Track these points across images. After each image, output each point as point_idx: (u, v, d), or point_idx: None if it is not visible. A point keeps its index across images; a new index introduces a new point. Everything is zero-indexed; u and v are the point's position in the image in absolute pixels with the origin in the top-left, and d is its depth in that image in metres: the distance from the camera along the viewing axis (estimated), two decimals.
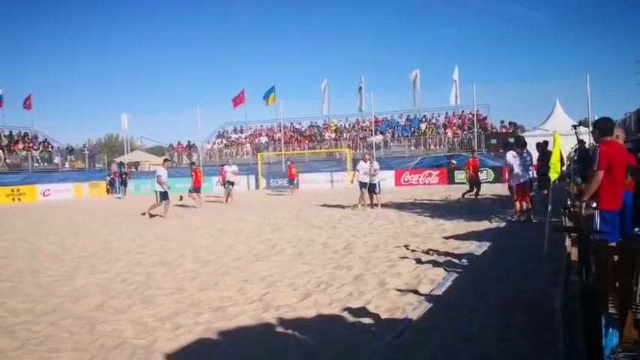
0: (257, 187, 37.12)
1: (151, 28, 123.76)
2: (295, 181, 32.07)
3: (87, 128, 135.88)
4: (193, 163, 29.98)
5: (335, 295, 7.01)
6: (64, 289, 8.09)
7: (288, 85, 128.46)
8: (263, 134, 46.94)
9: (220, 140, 48.09)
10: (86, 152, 45.62)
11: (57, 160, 41.83)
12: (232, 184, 25.31)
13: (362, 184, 18.84)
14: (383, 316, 6.01)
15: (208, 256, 10.47)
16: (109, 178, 39.74)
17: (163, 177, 18.39)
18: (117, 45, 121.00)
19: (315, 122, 46.97)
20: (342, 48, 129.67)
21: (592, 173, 6.17)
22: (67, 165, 42.45)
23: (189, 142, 46.56)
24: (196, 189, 22.30)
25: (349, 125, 45.64)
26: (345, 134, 43.93)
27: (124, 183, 35.22)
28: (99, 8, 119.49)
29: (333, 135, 43.84)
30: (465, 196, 20.66)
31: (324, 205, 20.84)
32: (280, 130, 43.08)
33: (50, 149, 42.79)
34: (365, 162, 19.04)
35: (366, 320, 5.88)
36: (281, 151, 40.92)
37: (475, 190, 20.70)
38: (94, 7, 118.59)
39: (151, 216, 18.49)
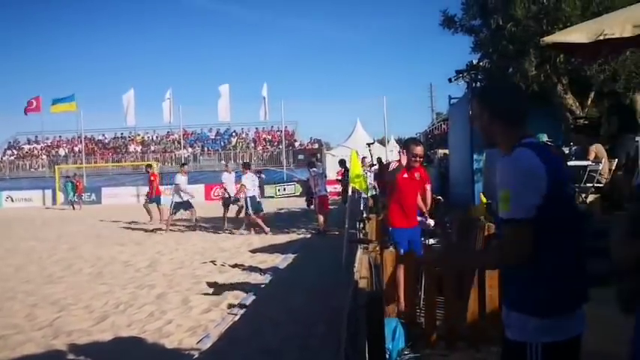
0: (54, 202, 34.32)
1: None
2: None
3: None
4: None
5: (135, 316, 6.68)
6: None
7: (91, 94, 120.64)
8: (62, 145, 43.67)
9: (11, 151, 43.72)
10: None
11: None
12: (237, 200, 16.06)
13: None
14: (184, 335, 5.86)
15: None
16: None
17: (182, 185, 15.99)
18: None
19: (121, 134, 44.83)
20: (149, 57, 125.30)
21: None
22: None
23: None
24: None
25: (157, 138, 44.29)
26: (152, 147, 42.52)
27: None
28: None
29: (140, 148, 42.20)
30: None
31: (131, 221, 19.85)
32: (81, 142, 40.36)
33: None
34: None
35: (166, 341, 5.67)
36: (82, 163, 38.36)
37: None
38: None
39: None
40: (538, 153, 2.03)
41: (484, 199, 5.23)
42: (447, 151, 17.02)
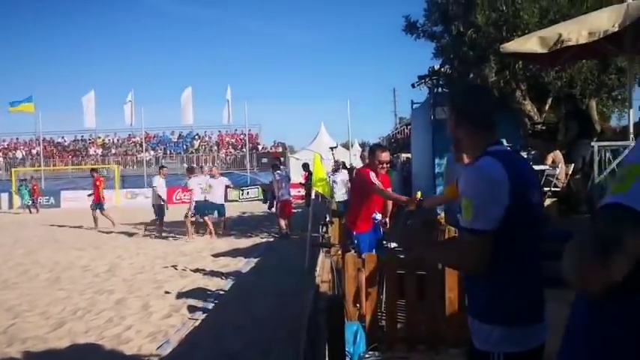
0: (10, 205, 33.35)
1: None
2: None
3: None
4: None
5: (93, 322, 6.55)
6: None
7: (49, 96, 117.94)
8: (19, 148, 42.57)
9: None
10: None
11: None
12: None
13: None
14: (143, 341, 5.77)
15: None
16: None
17: (159, 187, 15.44)
18: None
19: (81, 136, 43.90)
20: (110, 58, 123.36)
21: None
22: None
23: None
24: None
25: (118, 140, 43.57)
26: (113, 150, 41.82)
27: None
28: None
29: (100, 150, 41.46)
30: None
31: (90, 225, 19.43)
32: (39, 144, 39.43)
33: None
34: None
35: (125, 347, 5.58)
36: (40, 166, 37.47)
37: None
38: None
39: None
40: (502, 160, 1.98)
41: (419, 195, 5.27)
42: (409, 155, 17.19)
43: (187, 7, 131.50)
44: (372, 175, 5.97)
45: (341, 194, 13.49)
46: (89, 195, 19.62)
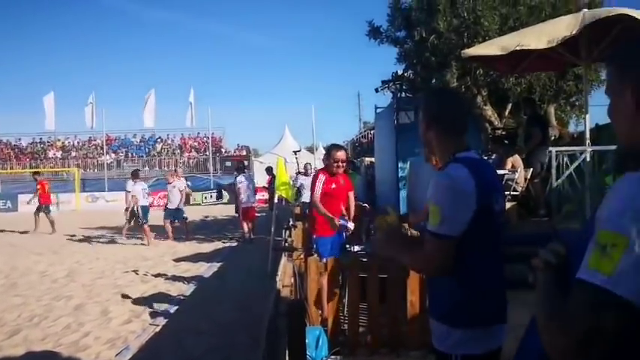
0: None
1: None
2: None
3: None
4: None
5: (50, 329, 6.40)
6: None
7: (6, 97, 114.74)
8: None
9: None
10: None
11: None
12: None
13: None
14: (102, 347, 5.66)
15: None
16: None
17: (133, 192, 14.69)
18: None
19: (40, 138, 42.85)
20: (70, 59, 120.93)
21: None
22: None
23: None
24: None
25: (78, 143, 42.69)
26: (73, 152, 40.95)
27: None
28: None
29: (60, 153, 40.54)
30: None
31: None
32: None
33: None
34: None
35: (83, 354, 5.46)
36: None
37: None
38: None
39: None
40: (470, 167, 2.02)
41: (390, 210, 5.32)
42: (373, 159, 17.26)
43: (150, 9, 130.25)
44: (320, 181, 5.98)
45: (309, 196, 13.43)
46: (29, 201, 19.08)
